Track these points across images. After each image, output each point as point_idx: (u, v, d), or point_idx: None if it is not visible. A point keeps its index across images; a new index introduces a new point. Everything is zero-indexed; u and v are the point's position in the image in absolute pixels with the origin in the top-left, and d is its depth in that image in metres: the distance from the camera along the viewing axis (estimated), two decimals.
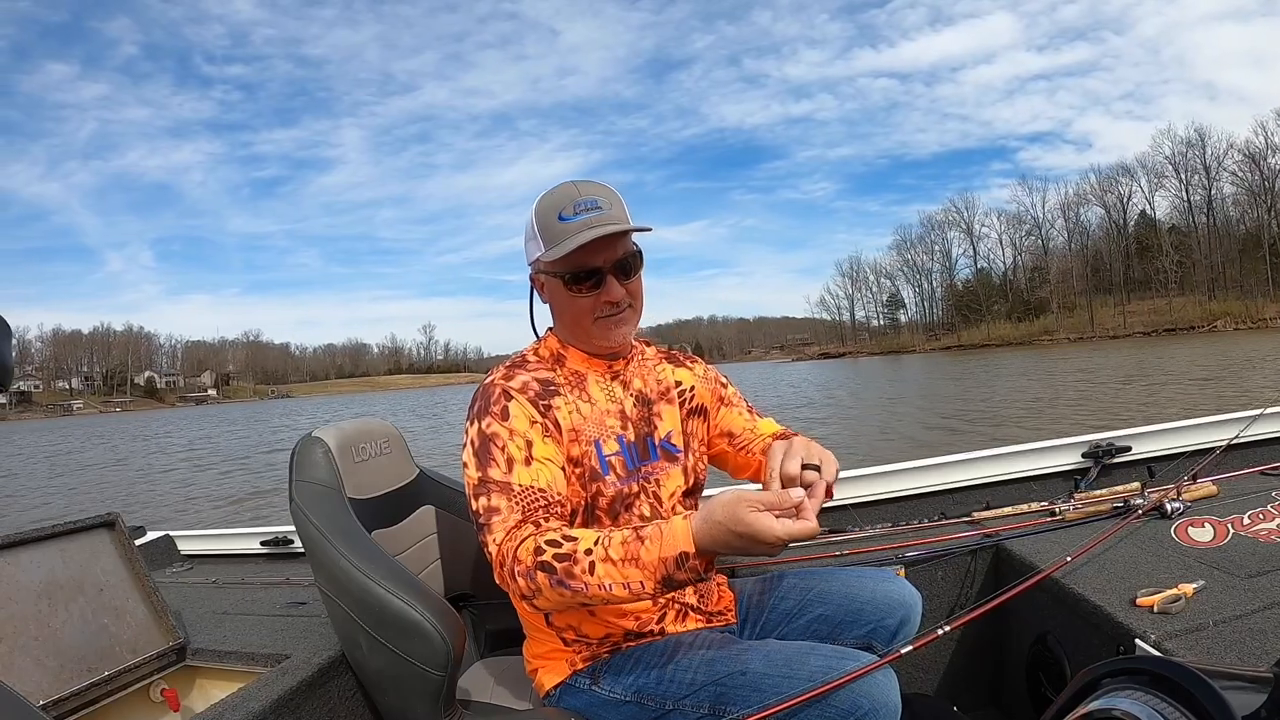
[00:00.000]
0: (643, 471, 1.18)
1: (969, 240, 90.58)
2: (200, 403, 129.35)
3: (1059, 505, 1.73)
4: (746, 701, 1.00)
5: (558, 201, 1.11)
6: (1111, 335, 65.26)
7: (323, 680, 1.38)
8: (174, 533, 2.63)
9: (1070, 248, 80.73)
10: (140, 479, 15.70)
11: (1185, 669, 0.58)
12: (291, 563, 2.32)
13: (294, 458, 1.30)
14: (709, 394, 1.32)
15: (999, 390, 19.12)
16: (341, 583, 1.16)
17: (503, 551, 0.98)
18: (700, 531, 0.89)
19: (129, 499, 12.24)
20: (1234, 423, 2.02)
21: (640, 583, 0.90)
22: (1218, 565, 1.31)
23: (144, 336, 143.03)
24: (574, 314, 1.15)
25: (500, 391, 1.11)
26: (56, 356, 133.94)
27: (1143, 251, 72.51)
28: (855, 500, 2.02)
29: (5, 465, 22.77)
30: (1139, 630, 1.14)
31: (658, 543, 0.90)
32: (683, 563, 0.89)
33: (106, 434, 39.21)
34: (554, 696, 1.17)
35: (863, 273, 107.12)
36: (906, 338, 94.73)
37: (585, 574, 0.91)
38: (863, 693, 0.95)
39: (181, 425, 43.16)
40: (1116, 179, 77.02)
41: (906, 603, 1.20)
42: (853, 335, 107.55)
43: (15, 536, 1.48)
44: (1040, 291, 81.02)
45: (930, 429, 12.71)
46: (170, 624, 1.60)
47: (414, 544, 1.43)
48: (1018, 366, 29.98)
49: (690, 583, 0.91)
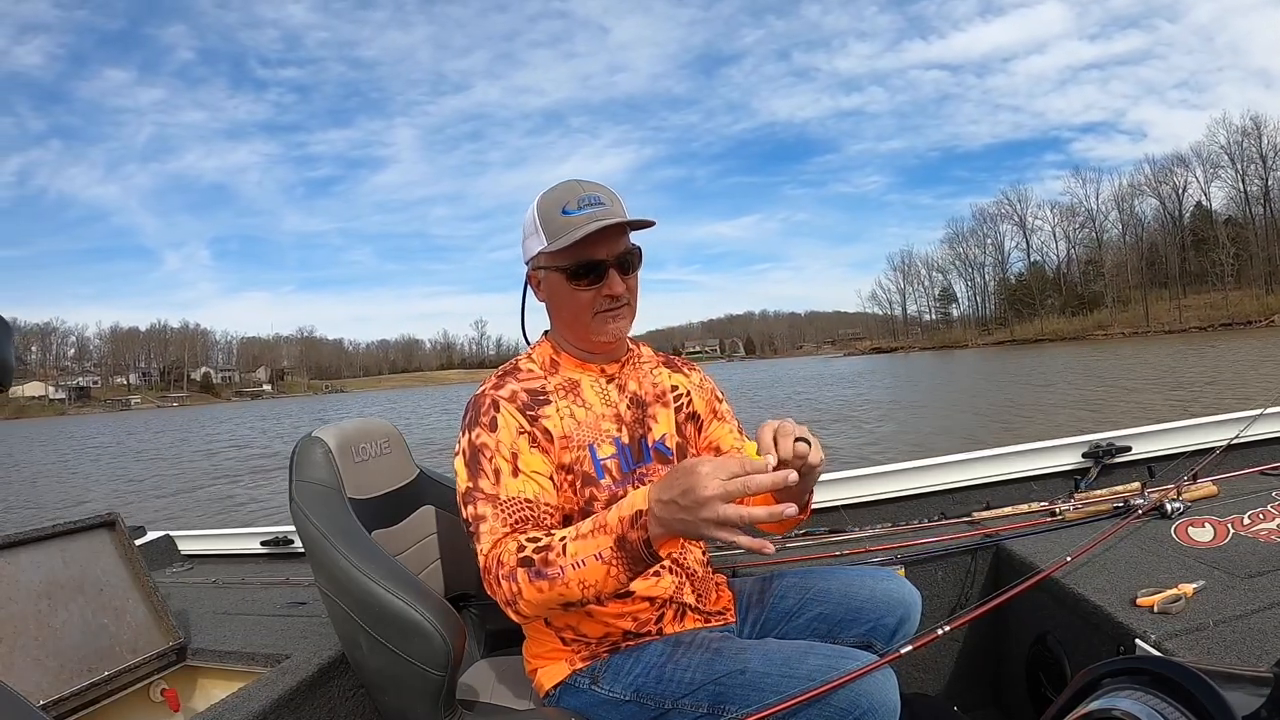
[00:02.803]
0: (637, 474, 1.18)
1: (1022, 233, 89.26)
2: (255, 398, 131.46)
3: (1059, 505, 1.73)
4: (746, 701, 1.00)
5: (560, 197, 1.11)
6: (1166, 330, 63.59)
7: (323, 680, 1.38)
8: (174, 533, 2.63)
9: (1125, 240, 79.23)
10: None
11: (1185, 669, 0.58)
12: (291, 563, 2.32)
13: (294, 458, 1.30)
14: (704, 403, 1.31)
15: (1066, 391, 17.53)
16: (341, 583, 1.16)
17: (489, 559, 1.01)
18: (654, 488, 0.89)
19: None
20: (1234, 423, 2.02)
21: (609, 548, 0.90)
22: (1218, 565, 1.31)
23: (200, 333, 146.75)
24: (574, 308, 1.14)
25: (490, 402, 1.11)
26: (115, 353, 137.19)
27: (1198, 244, 70.40)
28: (855, 500, 2.02)
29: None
30: (1139, 630, 1.14)
31: (618, 508, 0.92)
32: (636, 520, 0.89)
33: (180, 424, 41.15)
34: (554, 696, 1.17)
35: (914, 267, 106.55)
36: (959, 332, 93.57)
37: (560, 557, 0.93)
38: (862, 692, 0.95)
39: (241, 416, 45.08)
40: (1171, 169, 75.04)
41: (906, 601, 1.20)
42: (904, 330, 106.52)
43: (15, 536, 1.48)
44: (1094, 285, 79.78)
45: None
46: (170, 624, 1.60)
47: (414, 544, 1.43)
48: (1082, 363, 28.52)
49: (646, 548, 0.89)
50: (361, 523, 1.24)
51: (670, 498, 0.85)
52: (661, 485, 0.88)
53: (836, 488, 2.03)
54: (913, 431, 12.49)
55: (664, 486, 0.87)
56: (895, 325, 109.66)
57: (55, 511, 11.89)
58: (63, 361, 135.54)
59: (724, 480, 0.82)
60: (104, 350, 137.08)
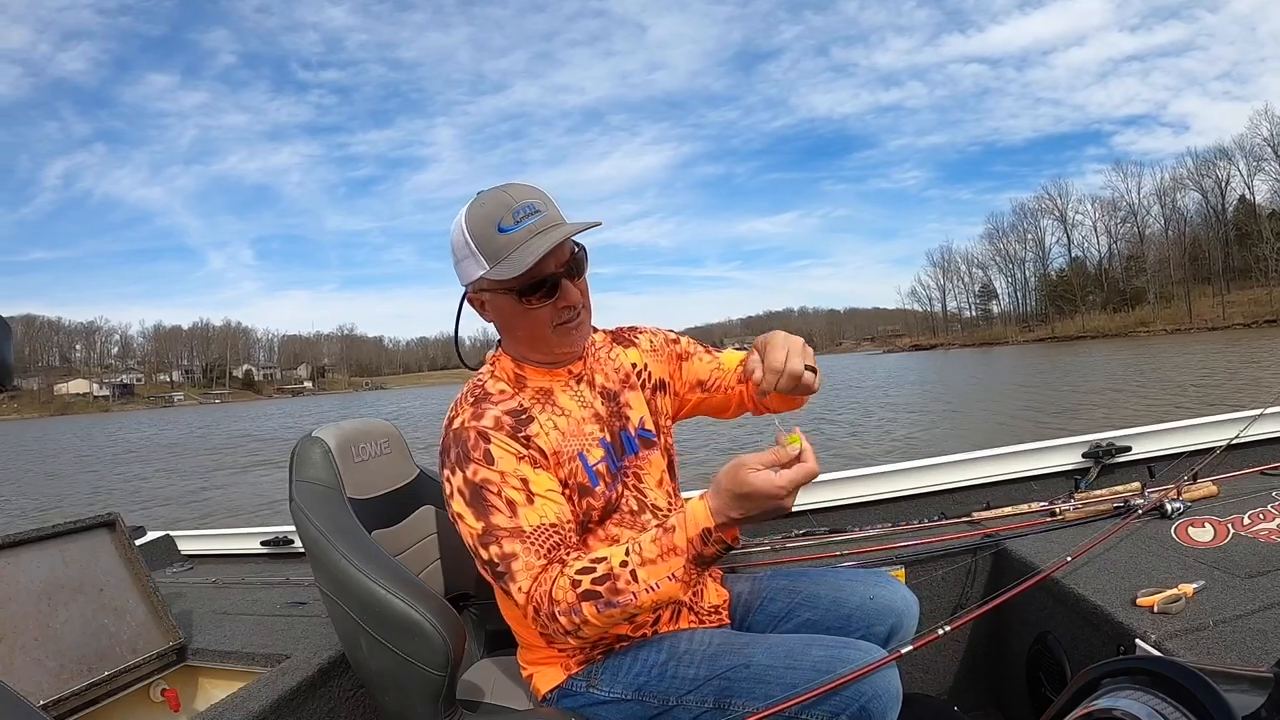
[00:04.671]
0: (624, 469, 1.17)
1: (1063, 228, 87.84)
2: (296, 395, 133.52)
3: (1059, 505, 1.73)
4: (752, 694, 1.00)
5: (492, 213, 1.02)
6: (1210, 327, 61.65)
7: (323, 680, 1.38)
8: (174, 533, 2.63)
9: (1167, 235, 77.43)
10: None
11: (1185, 669, 0.58)
12: (291, 563, 2.32)
13: (293, 458, 1.30)
14: (664, 363, 1.28)
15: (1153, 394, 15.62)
16: (342, 583, 1.16)
17: (535, 598, 0.98)
18: (715, 505, 0.92)
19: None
20: (1234, 423, 2.02)
21: (683, 568, 0.93)
22: (1218, 565, 1.31)
23: (242, 331, 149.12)
24: (530, 328, 1.08)
25: (476, 435, 1.04)
26: (158, 351, 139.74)
27: (1242, 238, 68.58)
28: (855, 500, 2.02)
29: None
30: (1139, 630, 1.14)
31: (684, 529, 0.93)
32: (707, 538, 0.92)
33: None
34: (551, 700, 1.16)
35: (954, 263, 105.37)
36: (999, 329, 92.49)
37: (630, 584, 0.94)
38: (865, 680, 0.96)
39: (285, 411, 47.04)
40: (1214, 162, 73.20)
41: (898, 609, 1.17)
42: (944, 326, 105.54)
43: (15, 536, 1.48)
44: (1136, 281, 78.39)
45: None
46: (170, 624, 1.60)
47: (414, 544, 1.43)
48: (1133, 360, 27.16)
49: (721, 555, 0.95)
50: (361, 523, 1.24)
51: (743, 513, 0.91)
52: (725, 501, 0.91)
53: (836, 488, 2.03)
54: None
55: (730, 502, 0.91)
56: (935, 322, 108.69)
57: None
58: (107, 359, 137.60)
59: (783, 484, 0.89)
60: (147, 348, 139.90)
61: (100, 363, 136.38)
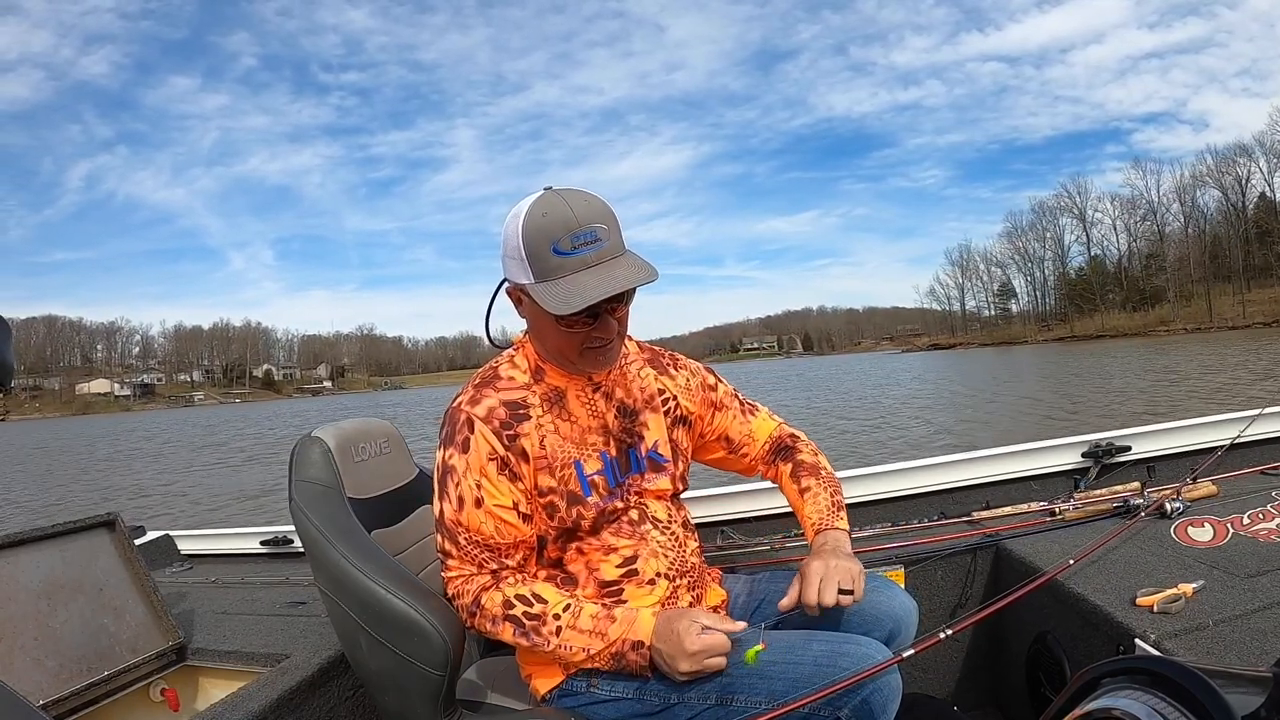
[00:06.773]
0: (625, 486, 1.17)
1: (1082, 226, 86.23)
2: (316, 394, 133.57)
3: (1059, 505, 1.73)
4: (755, 689, 1.00)
5: (550, 228, 0.99)
6: (1230, 326, 61.05)
7: (323, 680, 1.38)
8: (174, 532, 2.63)
9: (1187, 233, 75.77)
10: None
11: (1185, 669, 0.58)
12: (291, 563, 2.32)
13: (293, 457, 1.30)
14: (696, 403, 1.28)
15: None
16: (341, 582, 1.16)
17: (460, 592, 1.10)
18: (659, 629, 1.02)
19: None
20: (1234, 423, 2.02)
21: (599, 653, 1.03)
22: (1218, 565, 1.31)
23: (261, 331, 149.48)
24: (559, 342, 1.08)
25: (464, 419, 1.07)
26: (178, 351, 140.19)
27: (1262, 236, 67.68)
28: (855, 500, 2.02)
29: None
30: (1139, 630, 1.14)
31: (624, 626, 1.03)
32: (637, 648, 1.02)
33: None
34: (551, 699, 1.16)
35: (973, 262, 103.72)
36: (1018, 328, 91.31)
37: (551, 635, 1.04)
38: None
39: (314, 407, 48.30)
40: (1234, 160, 72.01)
41: (895, 615, 1.16)
42: (963, 325, 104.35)
43: (15, 536, 1.48)
44: (1156, 280, 77.18)
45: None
46: (170, 624, 1.60)
47: (414, 544, 1.43)
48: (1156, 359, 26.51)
49: (637, 666, 1.03)
50: (361, 523, 1.24)
51: (667, 652, 1.01)
52: (662, 632, 1.01)
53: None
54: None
55: (663, 635, 1.01)
56: (953, 321, 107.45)
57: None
58: (128, 359, 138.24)
59: (702, 660, 1.00)
60: (168, 348, 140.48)
61: (121, 363, 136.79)
